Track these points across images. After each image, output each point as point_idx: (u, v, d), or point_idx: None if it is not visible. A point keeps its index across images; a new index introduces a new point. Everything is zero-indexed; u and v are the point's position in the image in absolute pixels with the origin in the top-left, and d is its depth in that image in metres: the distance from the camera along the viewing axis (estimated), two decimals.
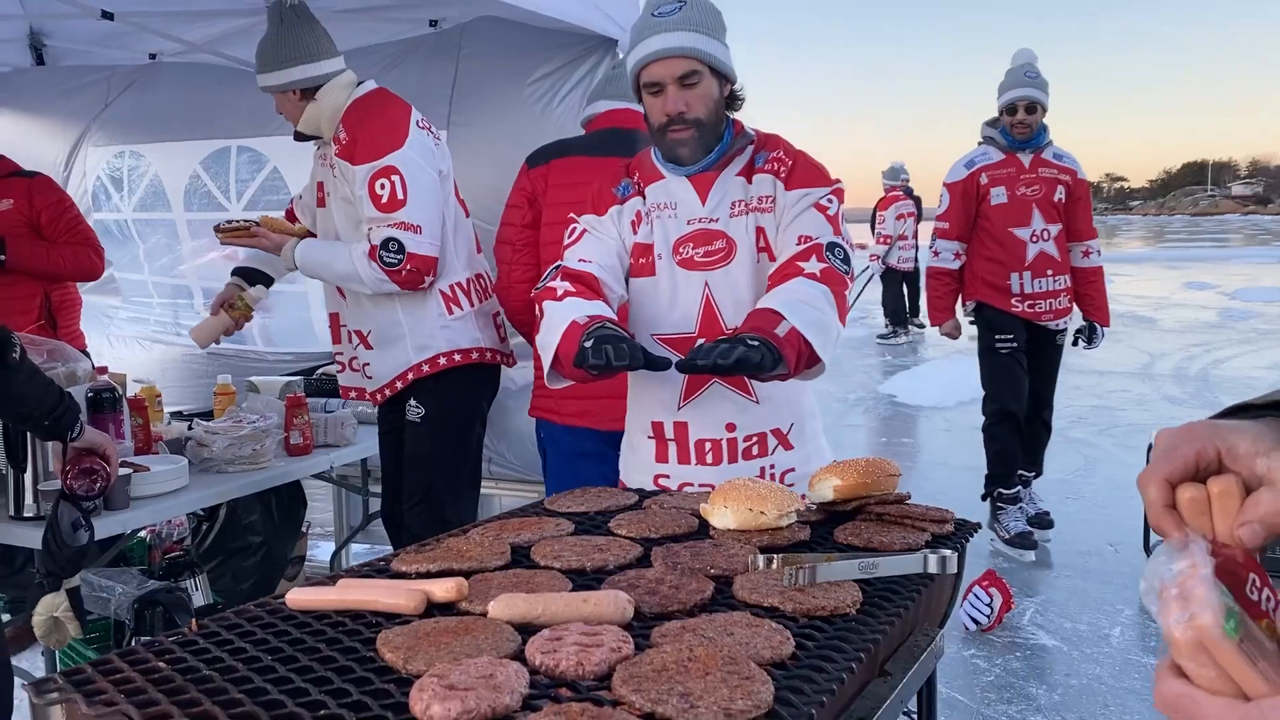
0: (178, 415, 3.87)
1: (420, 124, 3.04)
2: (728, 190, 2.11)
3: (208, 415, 3.74)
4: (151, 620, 2.75)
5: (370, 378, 3.23)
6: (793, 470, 2.14)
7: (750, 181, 2.11)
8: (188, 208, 4.92)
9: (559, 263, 2.16)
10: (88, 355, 4.18)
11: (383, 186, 2.92)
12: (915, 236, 12.05)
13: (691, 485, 2.09)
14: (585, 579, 1.31)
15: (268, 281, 3.45)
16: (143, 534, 4.18)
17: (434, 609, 1.17)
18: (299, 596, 1.18)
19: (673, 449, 2.13)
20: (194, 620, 1.13)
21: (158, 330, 5.12)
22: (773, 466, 2.12)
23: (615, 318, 1.99)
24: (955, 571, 1.32)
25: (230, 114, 4.67)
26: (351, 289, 3.12)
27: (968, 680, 3.47)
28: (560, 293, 2.02)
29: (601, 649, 0.99)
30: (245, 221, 3.14)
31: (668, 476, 2.14)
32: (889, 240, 11.94)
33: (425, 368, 3.12)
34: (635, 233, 2.14)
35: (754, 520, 1.42)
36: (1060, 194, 4.73)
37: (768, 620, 1.12)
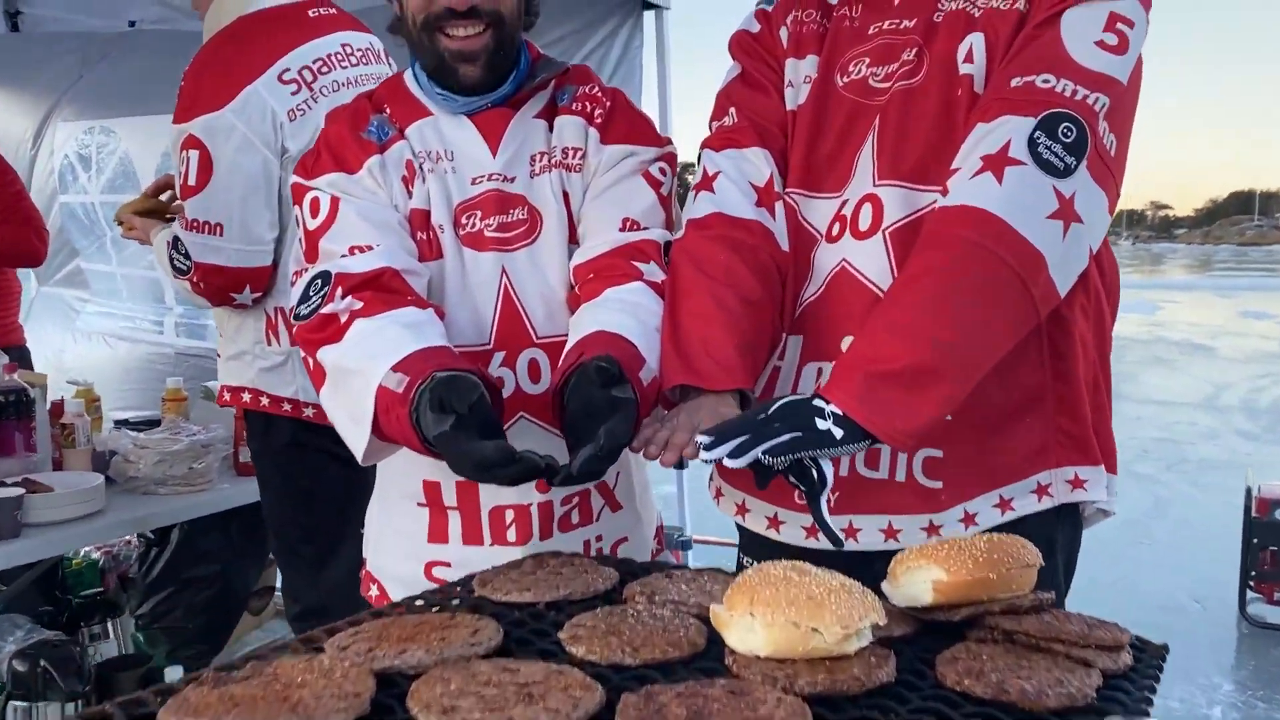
0: (123, 424, 3.36)
1: (285, 77, 2.16)
2: (527, 137, 1.51)
3: (158, 424, 3.24)
4: (35, 682, 2.20)
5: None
6: (625, 541, 1.54)
7: (553, 127, 1.52)
8: None
9: (319, 268, 1.42)
10: (26, 351, 3.72)
11: (182, 162, 2.16)
12: None
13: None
14: None
15: None
16: (95, 555, 3.71)
17: None
18: None
19: (455, 522, 1.48)
20: None
21: (126, 327, 4.65)
22: (599, 539, 1.51)
23: (440, 342, 1.34)
24: None
25: None
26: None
27: None
28: (345, 319, 1.35)
29: None
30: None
31: (448, 565, 1.47)
32: None
33: (245, 397, 2.33)
34: (410, 194, 1.48)
35: (802, 642, 0.83)
36: None
37: None
